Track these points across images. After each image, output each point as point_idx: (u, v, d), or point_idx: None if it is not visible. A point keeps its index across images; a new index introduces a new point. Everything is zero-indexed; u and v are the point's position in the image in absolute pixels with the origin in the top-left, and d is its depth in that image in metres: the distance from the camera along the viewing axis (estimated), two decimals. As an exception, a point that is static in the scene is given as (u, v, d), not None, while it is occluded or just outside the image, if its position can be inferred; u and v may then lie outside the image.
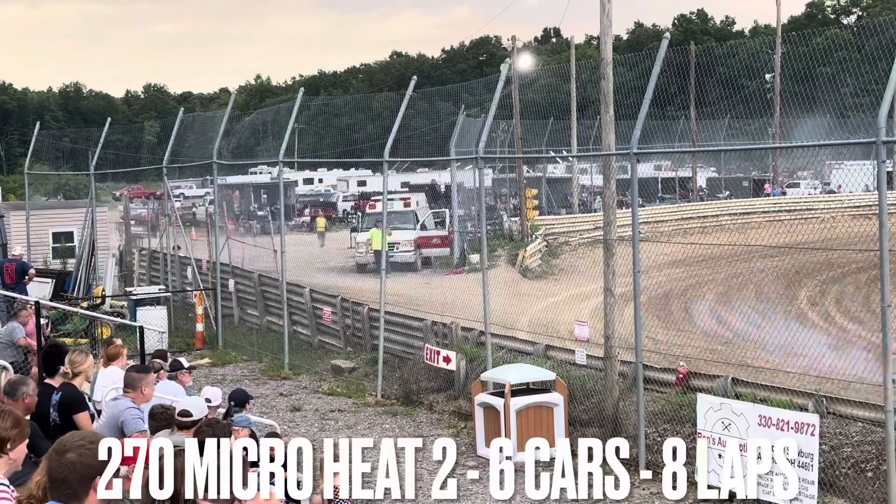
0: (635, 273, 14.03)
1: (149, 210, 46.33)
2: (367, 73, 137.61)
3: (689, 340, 21.06)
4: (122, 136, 44.54)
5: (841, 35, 57.58)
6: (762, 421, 11.90)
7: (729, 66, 55.54)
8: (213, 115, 35.12)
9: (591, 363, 16.06)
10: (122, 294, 27.23)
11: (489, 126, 17.62)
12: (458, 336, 18.86)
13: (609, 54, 15.60)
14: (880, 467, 11.82)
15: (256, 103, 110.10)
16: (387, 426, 16.98)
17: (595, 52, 75.49)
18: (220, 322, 24.94)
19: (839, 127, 37.92)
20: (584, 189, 53.06)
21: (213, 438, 6.13)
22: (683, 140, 52.05)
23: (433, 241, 37.47)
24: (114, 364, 11.59)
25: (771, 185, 52.41)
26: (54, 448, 4.62)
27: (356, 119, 51.87)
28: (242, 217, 51.20)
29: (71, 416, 9.55)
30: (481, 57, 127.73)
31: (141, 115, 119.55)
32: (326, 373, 21.07)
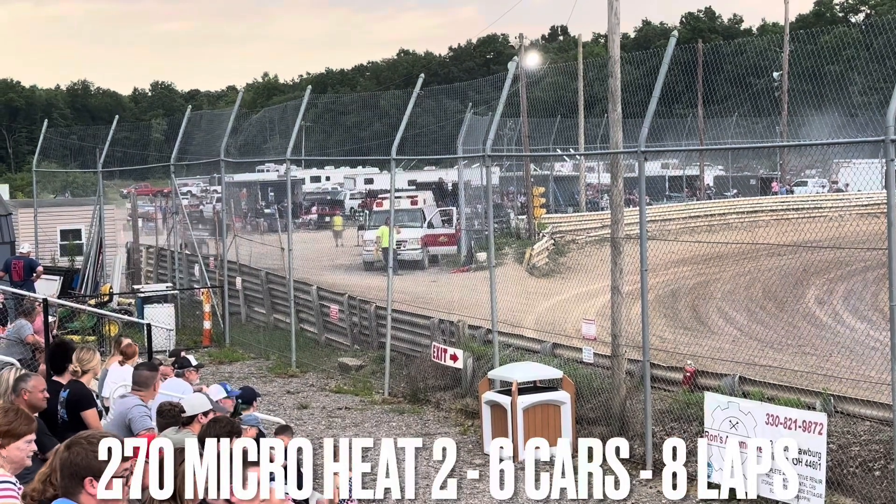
0: (643, 271, 14.02)
1: (156, 207, 46.38)
2: (375, 71, 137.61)
3: (696, 339, 21.04)
4: (129, 133, 44.56)
5: (849, 33, 57.43)
6: (769, 419, 11.88)
7: (736, 64, 55.43)
8: (220, 113, 35.14)
9: (599, 361, 16.04)
10: (130, 291, 27.29)
11: (496, 124, 17.61)
12: (465, 334, 18.86)
13: (617, 52, 15.59)
14: (888, 466, 11.80)
15: (264, 101, 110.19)
16: (394, 424, 16.99)
17: (602, 49, 75.48)
18: (228, 320, 24.98)
19: (847, 125, 37.81)
20: (591, 187, 53.00)
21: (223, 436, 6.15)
22: (691, 138, 51.97)
23: (440, 239, 37.43)
24: (129, 363, 11.68)
25: (778, 184, 52.30)
26: (65, 441, 4.69)
27: (363, 117, 51.91)
28: (250, 215, 51.26)
29: (79, 413, 9.56)
30: (488, 55, 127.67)
31: (148, 113, 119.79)
32: (333, 370, 21.09)
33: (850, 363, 17.62)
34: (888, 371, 11.44)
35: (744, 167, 60.85)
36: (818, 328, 22.53)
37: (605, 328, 16.90)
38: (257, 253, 28.50)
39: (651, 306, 15.16)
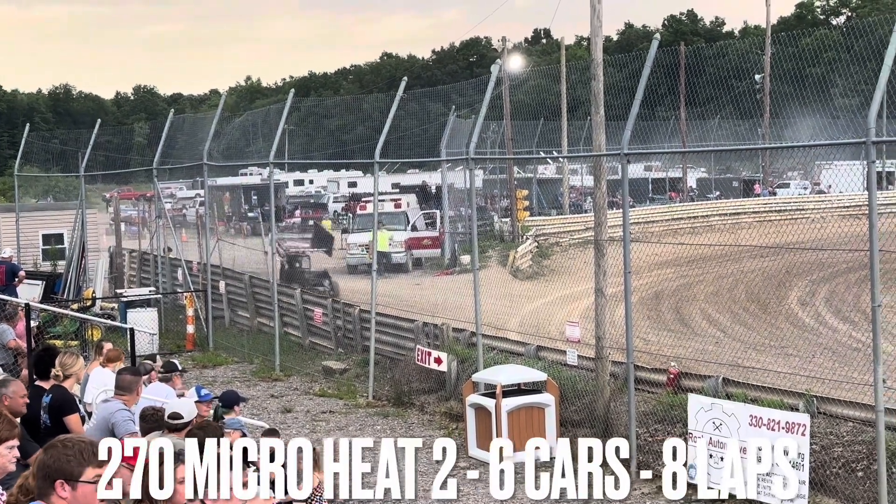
0: (626, 273, 14.04)
1: (139, 212, 46.24)
2: (358, 74, 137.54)
3: (679, 341, 21.09)
4: (111, 137, 44.42)
5: (830, 35, 57.74)
6: (753, 421, 11.91)
7: (719, 66, 55.65)
8: (203, 117, 35.09)
9: (583, 364, 16.06)
10: (113, 296, 27.19)
11: (480, 127, 17.61)
12: (449, 337, 18.85)
13: (599, 55, 15.62)
14: (871, 467, 11.84)
15: (247, 105, 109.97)
16: (378, 427, 16.97)
17: (585, 52, 75.57)
18: (211, 324, 24.91)
19: (829, 127, 38.00)
20: (574, 190, 53.09)
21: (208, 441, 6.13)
22: (674, 140, 52.12)
23: (424, 242, 37.45)
24: (110, 366, 11.62)
25: (761, 186, 52.50)
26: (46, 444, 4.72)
27: (346, 120, 51.86)
28: (234, 219, 51.16)
29: (61, 418, 9.52)
30: (472, 58, 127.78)
31: (131, 117, 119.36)
32: (317, 374, 21.05)
33: (833, 364, 17.69)
34: (870, 372, 11.48)
35: (726, 169, 61.09)
36: (801, 329, 22.62)
37: (588, 330, 16.92)
38: (241, 256, 28.45)
39: (635, 308, 15.18)
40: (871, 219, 11.18)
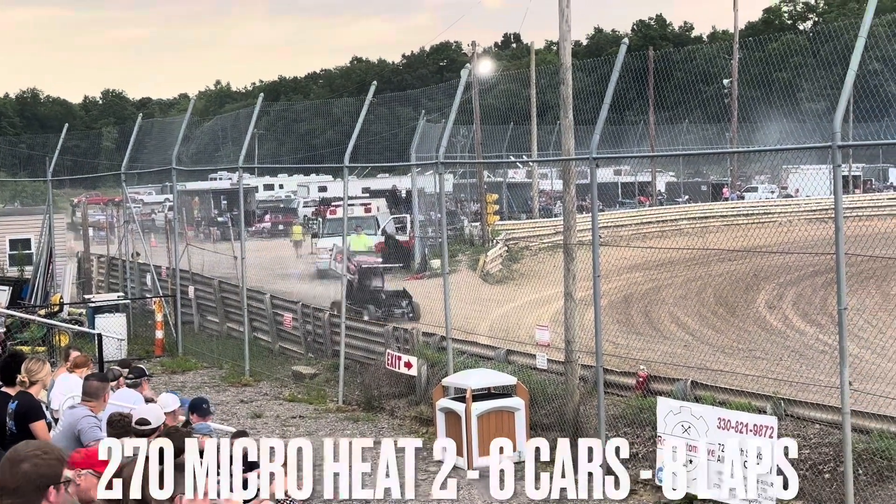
0: (595, 277, 14.09)
1: (107, 217, 45.97)
2: (328, 78, 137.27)
3: (648, 344, 21.17)
4: (79, 142, 44.17)
5: (797, 40, 58.11)
6: (722, 423, 11.98)
7: (687, 71, 55.89)
8: (172, 121, 34.89)
9: (552, 367, 16.10)
10: (81, 301, 27.01)
11: (449, 131, 17.64)
12: (419, 341, 18.85)
13: (568, 59, 15.68)
14: (837, 469, 11.94)
15: (216, 109, 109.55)
16: (348, 432, 16.95)
17: (555, 57, 75.75)
18: (180, 329, 24.79)
19: (796, 131, 38.27)
20: (544, 194, 53.21)
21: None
22: (642, 144, 52.35)
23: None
24: (77, 372, 11.52)
25: (729, 189, 52.82)
26: (7, 457, 4.60)
27: (316, 125, 51.75)
28: (203, 223, 50.91)
29: (27, 424, 9.44)
30: (442, 62, 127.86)
31: (99, 121, 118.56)
32: (287, 379, 20.99)
33: (800, 367, 17.82)
34: (837, 374, 11.58)
35: (695, 173, 61.42)
36: (769, 333, 22.76)
37: (558, 334, 16.97)
38: (210, 261, 28.32)
39: (604, 312, 15.24)
40: (838, 222, 11.28)
